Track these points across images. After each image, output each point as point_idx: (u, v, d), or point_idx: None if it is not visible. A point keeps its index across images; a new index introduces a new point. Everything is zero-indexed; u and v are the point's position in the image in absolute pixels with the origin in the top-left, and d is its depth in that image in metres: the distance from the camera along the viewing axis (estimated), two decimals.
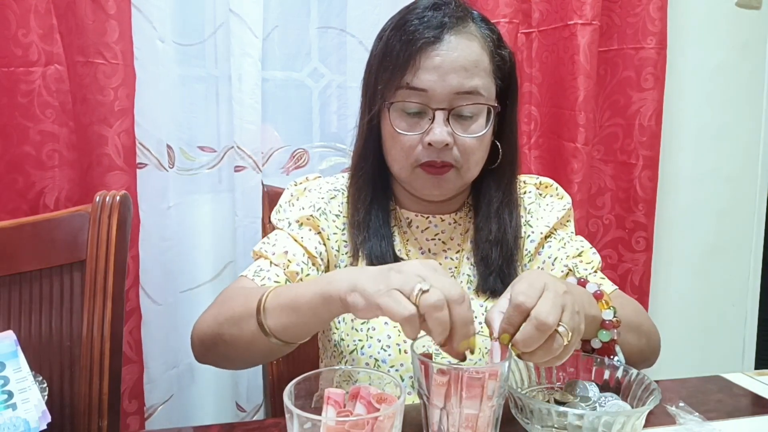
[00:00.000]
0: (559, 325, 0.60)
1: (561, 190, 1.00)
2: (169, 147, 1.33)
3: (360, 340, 0.86)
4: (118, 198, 0.94)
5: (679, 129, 1.66)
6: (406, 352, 0.84)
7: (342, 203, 0.94)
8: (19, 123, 1.15)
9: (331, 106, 1.45)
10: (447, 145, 0.82)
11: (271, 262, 0.87)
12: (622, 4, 1.48)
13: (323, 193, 0.94)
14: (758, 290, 1.83)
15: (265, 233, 1.20)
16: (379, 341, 0.85)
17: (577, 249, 0.94)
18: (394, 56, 0.83)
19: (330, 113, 1.45)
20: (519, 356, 0.63)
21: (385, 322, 0.86)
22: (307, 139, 1.44)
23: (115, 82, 1.19)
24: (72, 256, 0.94)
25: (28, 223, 0.95)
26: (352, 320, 0.88)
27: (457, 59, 0.81)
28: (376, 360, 0.85)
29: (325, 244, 0.91)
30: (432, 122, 0.82)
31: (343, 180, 0.97)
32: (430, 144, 0.82)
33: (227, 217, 1.38)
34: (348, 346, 0.87)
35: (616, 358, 0.76)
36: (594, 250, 0.96)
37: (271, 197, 1.24)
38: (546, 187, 1.00)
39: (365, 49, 1.39)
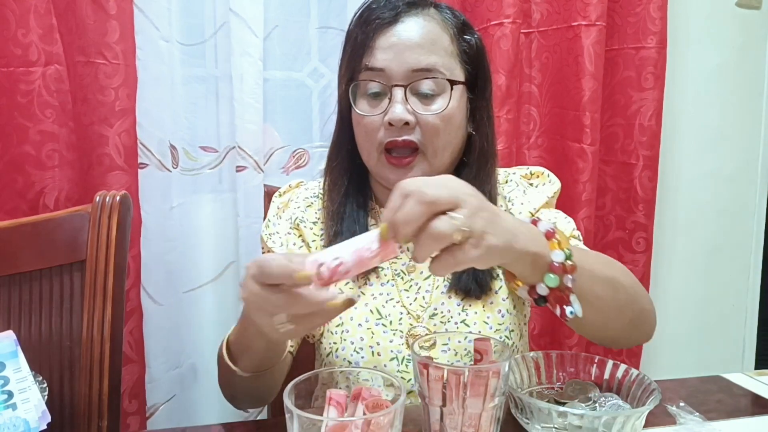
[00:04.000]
0: (450, 215, 0.54)
1: (552, 176, 0.97)
2: (173, 147, 1.33)
3: (335, 343, 0.85)
4: (118, 198, 0.94)
5: (679, 129, 1.66)
6: (379, 354, 0.83)
7: (318, 210, 0.93)
8: (19, 123, 1.15)
9: (331, 106, 1.45)
10: (408, 123, 0.81)
11: None
12: (622, 4, 1.49)
13: (299, 202, 0.94)
14: (758, 290, 1.83)
15: None
16: (352, 343, 0.84)
17: (551, 219, 0.89)
18: (353, 41, 0.84)
19: (330, 113, 1.45)
20: (414, 258, 0.56)
21: (359, 324, 0.84)
22: (307, 139, 1.44)
23: (116, 82, 1.19)
24: (72, 256, 0.94)
25: (28, 223, 0.95)
26: (326, 323, 0.86)
27: (413, 38, 0.82)
28: (350, 363, 0.83)
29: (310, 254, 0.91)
30: (390, 102, 0.82)
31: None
32: (391, 124, 0.81)
33: (229, 218, 1.38)
34: (325, 349, 0.86)
35: (569, 309, 0.65)
36: (570, 219, 0.91)
37: (270, 197, 1.24)
38: (537, 175, 0.97)
39: None
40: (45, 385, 0.75)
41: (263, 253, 0.94)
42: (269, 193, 1.25)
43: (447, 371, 0.60)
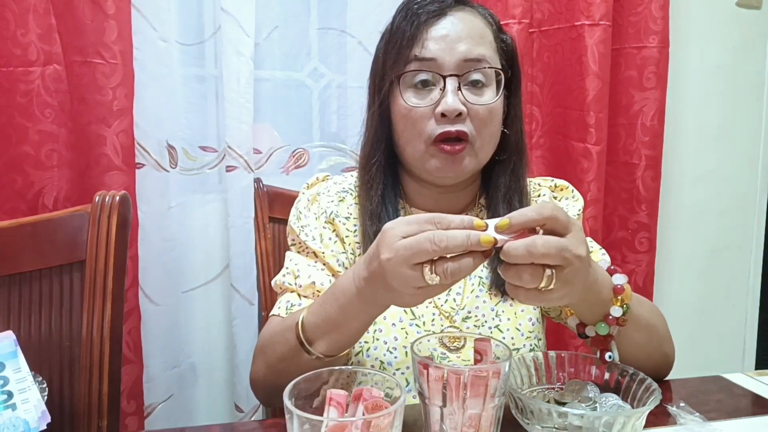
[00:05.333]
0: (549, 267, 0.59)
1: (576, 192, 0.98)
2: (171, 147, 1.32)
3: (366, 342, 0.85)
4: (117, 198, 0.94)
5: (681, 129, 1.66)
6: None
7: (351, 205, 0.93)
8: (18, 123, 1.15)
9: (331, 106, 1.45)
10: (460, 114, 0.81)
11: (299, 294, 0.87)
12: (623, 3, 1.48)
13: (332, 196, 0.93)
14: (758, 290, 1.83)
15: (258, 233, 1.20)
16: (386, 343, 0.84)
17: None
18: (400, 33, 0.84)
19: (330, 113, 1.45)
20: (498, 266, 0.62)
21: (393, 324, 0.85)
22: (307, 139, 1.44)
23: (113, 82, 1.19)
24: (72, 256, 0.94)
25: (28, 223, 0.95)
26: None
27: (463, 30, 0.83)
28: (382, 362, 0.84)
29: (344, 249, 0.90)
30: (443, 92, 0.81)
31: (351, 179, 0.96)
32: (443, 115, 0.81)
33: (226, 218, 1.38)
34: (354, 348, 0.86)
35: (608, 354, 0.74)
36: (603, 251, 0.95)
37: (270, 197, 1.24)
38: (561, 189, 0.98)
39: (365, 49, 1.39)
40: (45, 385, 0.75)
41: (292, 244, 0.94)
42: (270, 193, 1.24)
43: (447, 371, 0.60)
